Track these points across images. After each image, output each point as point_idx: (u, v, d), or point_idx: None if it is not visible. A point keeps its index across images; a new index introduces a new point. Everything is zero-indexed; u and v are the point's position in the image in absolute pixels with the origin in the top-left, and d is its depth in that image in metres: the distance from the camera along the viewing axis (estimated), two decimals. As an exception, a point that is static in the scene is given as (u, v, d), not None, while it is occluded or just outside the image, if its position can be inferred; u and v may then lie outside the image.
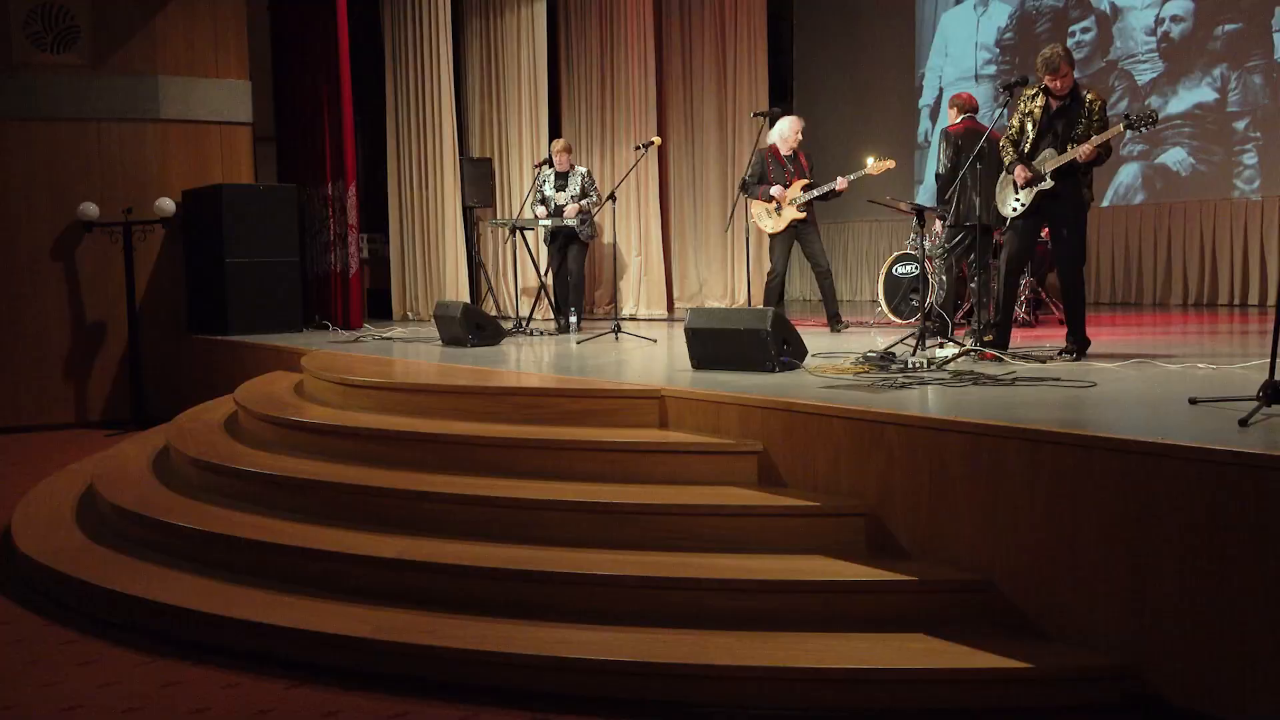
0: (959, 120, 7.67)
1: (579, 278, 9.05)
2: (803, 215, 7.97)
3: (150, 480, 5.73)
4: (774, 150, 8.15)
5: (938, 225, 8.13)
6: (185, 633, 4.07)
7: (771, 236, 8.15)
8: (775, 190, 7.99)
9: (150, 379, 9.65)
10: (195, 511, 4.94)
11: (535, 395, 5.25)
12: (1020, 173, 5.83)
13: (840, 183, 7.88)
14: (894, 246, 11.95)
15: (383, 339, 8.70)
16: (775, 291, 8.15)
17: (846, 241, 13.57)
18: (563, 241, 9.01)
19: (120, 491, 5.43)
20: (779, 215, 8.00)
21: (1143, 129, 5.54)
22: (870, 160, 7.94)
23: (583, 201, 8.83)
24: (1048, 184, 5.70)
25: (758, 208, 8.15)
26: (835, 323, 8.13)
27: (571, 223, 8.68)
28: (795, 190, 7.94)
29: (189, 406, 7.32)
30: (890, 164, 7.96)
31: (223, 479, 5.23)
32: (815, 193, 7.94)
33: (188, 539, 4.68)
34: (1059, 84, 5.66)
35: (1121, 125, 5.52)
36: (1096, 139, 5.53)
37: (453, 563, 4.05)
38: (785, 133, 8.16)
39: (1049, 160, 5.71)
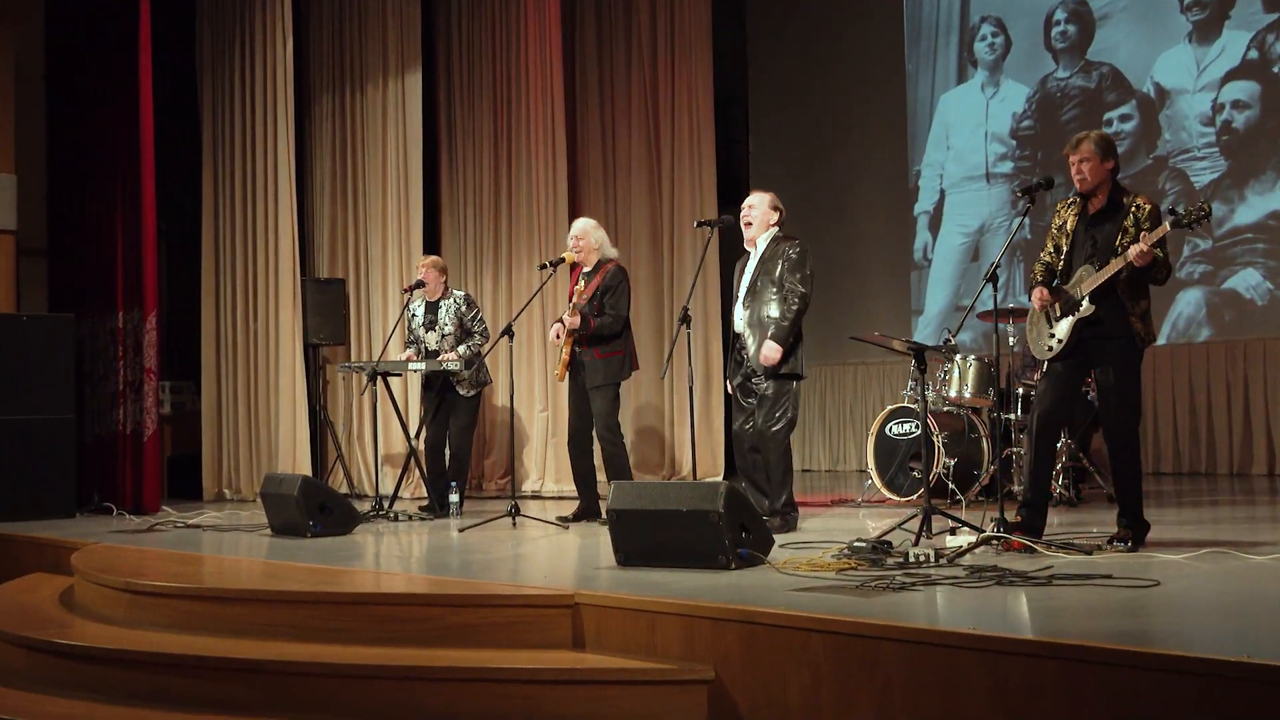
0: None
1: (462, 443, 9.01)
2: (565, 357, 8.11)
3: None
4: (576, 268, 8.35)
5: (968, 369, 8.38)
6: None
7: None
8: (553, 331, 8.24)
9: None
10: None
11: (402, 604, 5.16)
12: (1037, 296, 6.03)
13: (570, 319, 7.99)
14: (888, 398, 12.15)
15: (188, 527, 8.55)
16: (576, 463, 8.28)
17: (824, 391, 13.78)
18: (440, 391, 9.00)
19: None
20: (560, 356, 8.22)
21: (1193, 226, 5.76)
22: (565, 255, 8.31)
23: (460, 348, 8.82)
24: (1085, 309, 5.88)
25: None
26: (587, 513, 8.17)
27: (451, 367, 8.68)
28: (573, 321, 8.05)
29: (-92, 624, 7.06)
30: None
31: (-48, 730, 5.02)
32: (564, 331, 8.08)
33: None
34: (1078, 168, 5.90)
35: (1167, 224, 5.75)
36: (1148, 237, 5.73)
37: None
38: (568, 243, 8.39)
39: (1086, 279, 5.91)
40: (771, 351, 7.01)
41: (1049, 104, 11.94)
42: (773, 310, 7.10)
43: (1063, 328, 6.00)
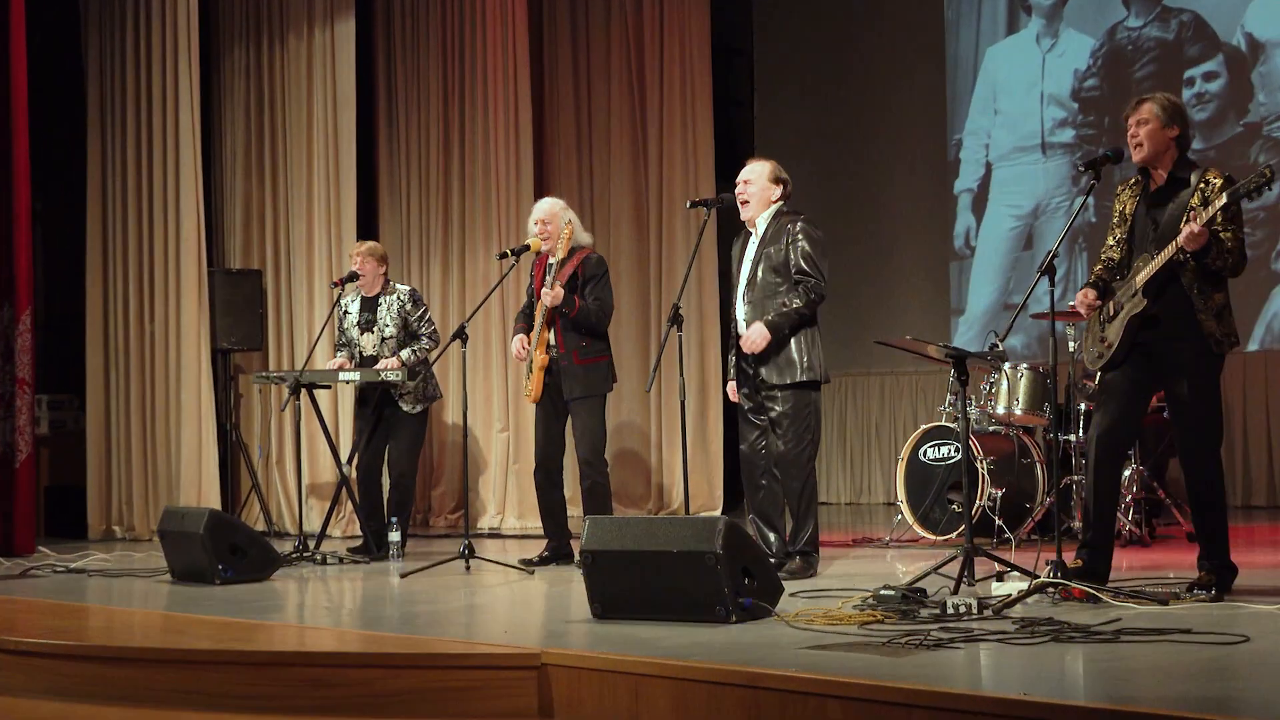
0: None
1: (405, 469, 9.01)
2: (545, 360, 8.08)
3: None
4: (542, 258, 8.34)
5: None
6: None
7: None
8: (516, 343, 8.29)
9: None
10: None
11: (331, 666, 5.16)
12: (1080, 297, 6.08)
13: (548, 295, 7.98)
14: (922, 416, 12.16)
15: (70, 572, 8.55)
16: (545, 496, 8.32)
17: (845, 406, 13.78)
18: (378, 406, 9.01)
19: None
20: (530, 374, 8.21)
21: (1252, 195, 5.74)
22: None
23: (404, 353, 8.82)
24: (1136, 303, 5.90)
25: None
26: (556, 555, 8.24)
27: (391, 377, 8.69)
28: (545, 332, 8.06)
29: None
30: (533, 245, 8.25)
31: None
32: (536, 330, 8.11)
33: None
34: (1135, 133, 5.95)
35: (1224, 197, 5.74)
36: (1201, 214, 5.72)
37: None
38: (530, 228, 8.37)
39: (1142, 270, 5.94)
40: (757, 336, 6.93)
41: (1118, 59, 11.96)
42: (781, 305, 7.07)
43: (1113, 329, 6.02)
